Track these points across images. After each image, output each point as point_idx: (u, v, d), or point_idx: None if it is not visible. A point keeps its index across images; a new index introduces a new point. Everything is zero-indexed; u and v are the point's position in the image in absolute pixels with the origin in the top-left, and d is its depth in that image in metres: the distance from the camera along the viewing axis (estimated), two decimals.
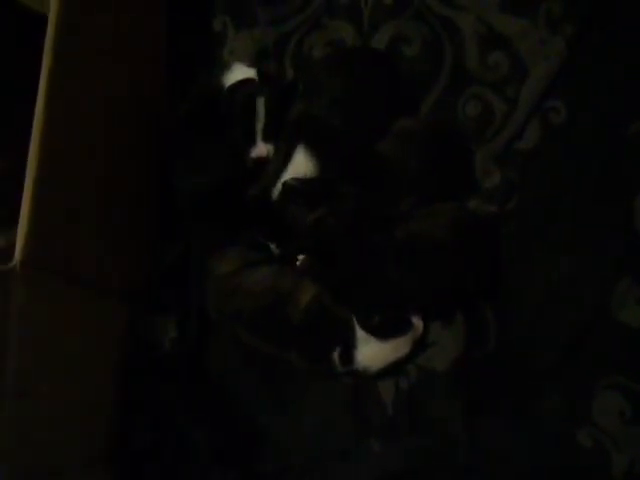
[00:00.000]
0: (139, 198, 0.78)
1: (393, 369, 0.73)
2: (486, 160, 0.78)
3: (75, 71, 0.63)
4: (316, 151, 0.74)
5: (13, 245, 0.56)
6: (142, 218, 0.79)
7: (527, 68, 0.79)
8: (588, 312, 0.72)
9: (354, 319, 0.71)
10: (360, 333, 0.70)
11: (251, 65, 0.83)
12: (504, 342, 0.73)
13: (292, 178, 0.73)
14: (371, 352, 0.70)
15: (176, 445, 0.74)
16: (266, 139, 0.77)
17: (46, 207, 0.58)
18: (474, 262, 0.71)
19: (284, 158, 0.74)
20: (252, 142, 0.77)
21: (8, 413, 0.54)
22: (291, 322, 0.71)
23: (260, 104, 0.76)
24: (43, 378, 0.59)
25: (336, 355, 0.71)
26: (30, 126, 0.58)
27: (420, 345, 0.73)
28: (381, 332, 0.70)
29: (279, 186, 0.73)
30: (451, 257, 0.69)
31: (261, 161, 0.77)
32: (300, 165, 0.74)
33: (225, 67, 0.82)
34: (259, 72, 0.81)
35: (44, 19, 0.59)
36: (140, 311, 0.79)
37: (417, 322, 0.72)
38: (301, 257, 0.72)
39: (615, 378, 0.69)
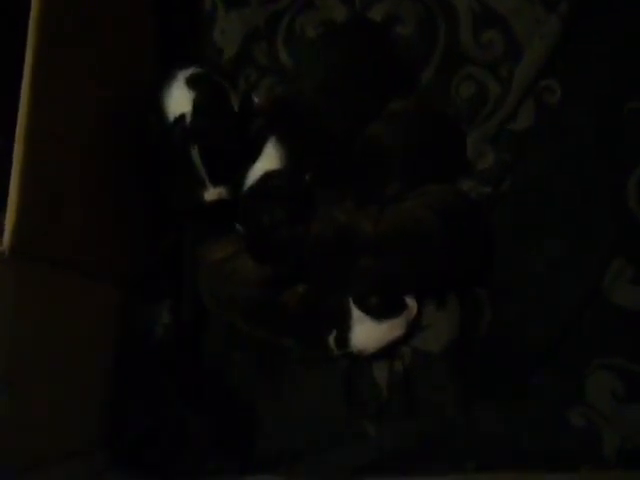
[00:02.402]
0: (129, 183, 0.77)
1: (388, 351, 0.73)
2: (479, 141, 0.77)
3: (61, 44, 0.61)
4: (288, 142, 0.72)
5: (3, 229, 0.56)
6: (133, 203, 0.78)
7: (522, 47, 0.78)
8: (582, 293, 0.72)
9: (350, 301, 0.71)
10: (355, 315, 0.70)
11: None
12: (499, 324, 0.73)
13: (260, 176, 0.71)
14: (366, 334, 0.70)
15: (174, 430, 0.75)
16: (215, 184, 0.71)
17: (34, 191, 0.57)
18: (464, 247, 0.70)
19: (254, 152, 0.72)
20: (202, 186, 0.71)
21: (1, 399, 0.53)
22: (286, 308, 0.71)
23: (195, 155, 0.70)
24: (35, 364, 0.59)
25: (332, 338, 0.71)
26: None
27: (415, 326, 0.73)
28: (376, 313, 0.70)
29: (247, 182, 0.72)
30: (439, 242, 0.69)
31: (217, 202, 0.72)
32: (270, 159, 0.72)
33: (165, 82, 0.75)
34: (195, 102, 0.72)
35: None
36: (133, 296, 0.78)
37: (411, 303, 0.71)
38: None
39: (608, 358, 0.70)
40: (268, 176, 0.72)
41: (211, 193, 0.71)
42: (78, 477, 0.64)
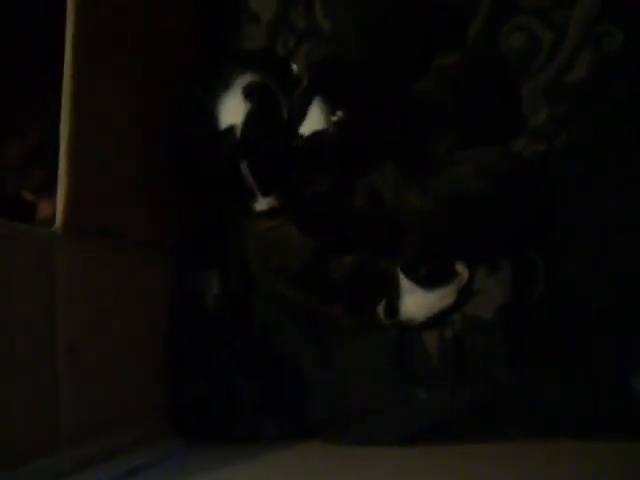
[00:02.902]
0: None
1: (438, 319, 0.71)
2: (533, 95, 0.73)
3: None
4: (335, 103, 0.69)
5: None
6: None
7: None
8: None
9: (398, 270, 0.69)
10: (404, 284, 0.69)
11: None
12: (553, 288, 0.70)
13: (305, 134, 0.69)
14: (416, 303, 0.69)
15: (225, 396, 0.77)
16: (265, 195, 0.70)
17: (81, 166, 0.58)
18: (517, 213, 0.68)
19: (298, 115, 0.70)
20: (251, 197, 0.71)
21: (61, 367, 0.56)
22: (335, 276, 0.71)
23: (244, 168, 0.69)
24: (91, 333, 0.61)
25: (380, 307, 0.70)
26: None
27: (465, 293, 0.71)
28: (426, 281, 0.68)
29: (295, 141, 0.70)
30: (491, 211, 0.67)
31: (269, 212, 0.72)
32: (316, 120, 0.70)
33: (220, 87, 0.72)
34: (248, 116, 0.70)
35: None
36: (183, 264, 0.80)
37: (462, 270, 0.70)
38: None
39: None
40: (315, 135, 0.69)
41: (261, 203, 0.71)
42: (135, 443, 0.66)
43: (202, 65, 0.81)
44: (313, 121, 0.70)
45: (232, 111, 0.71)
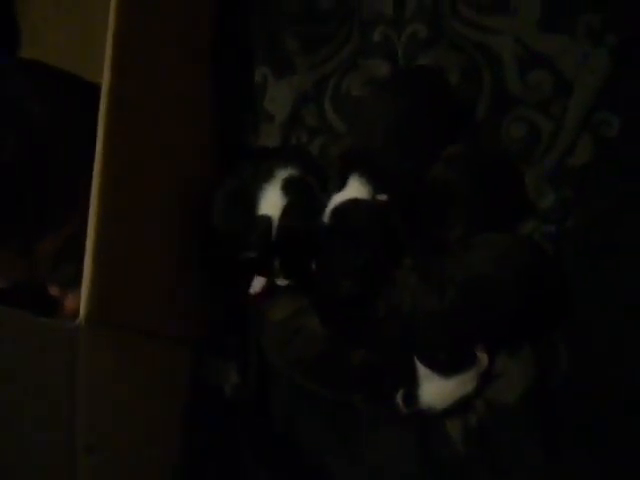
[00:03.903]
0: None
1: (460, 406, 0.70)
2: (538, 180, 0.75)
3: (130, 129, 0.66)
4: (372, 180, 0.72)
5: None
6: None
7: (571, 84, 0.76)
8: None
9: (415, 357, 0.69)
10: (422, 371, 0.68)
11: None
12: (577, 368, 0.69)
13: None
14: (435, 390, 0.68)
15: None
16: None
17: (106, 260, 0.61)
18: (534, 297, 0.68)
19: (336, 189, 0.73)
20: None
21: (79, 467, 0.55)
22: (352, 365, 0.70)
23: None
24: (111, 430, 0.60)
25: (399, 396, 0.69)
26: None
27: (486, 378, 0.70)
28: (445, 368, 0.68)
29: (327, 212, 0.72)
30: (508, 298, 0.67)
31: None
32: (356, 189, 0.72)
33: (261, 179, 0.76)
34: (285, 211, 0.73)
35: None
36: (203, 357, 0.79)
37: (481, 355, 0.69)
38: None
39: None
40: (354, 205, 0.71)
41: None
42: None
43: (227, 163, 0.85)
44: (352, 191, 0.72)
45: (270, 203, 0.74)
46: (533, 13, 0.79)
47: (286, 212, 0.72)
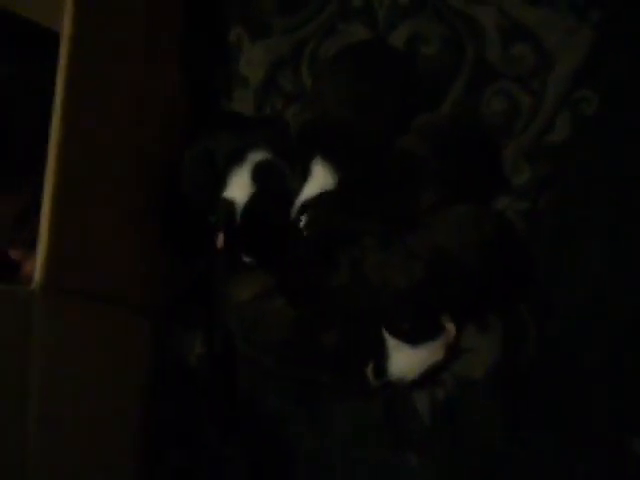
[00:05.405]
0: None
1: (428, 378, 0.70)
2: (515, 155, 0.75)
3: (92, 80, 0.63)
4: (335, 161, 0.71)
5: None
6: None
7: (553, 59, 0.75)
8: (629, 312, 0.68)
9: (383, 328, 0.68)
10: (391, 343, 0.68)
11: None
12: (545, 346, 0.69)
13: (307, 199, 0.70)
14: (404, 360, 0.68)
15: (209, 461, 0.73)
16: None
17: (63, 226, 0.57)
18: (499, 272, 0.68)
19: (301, 175, 0.72)
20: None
21: (33, 439, 0.53)
22: (322, 347, 0.69)
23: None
24: (67, 400, 0.58)
25: (369, 369, 0.68)
26: None
27: (454, 350, 0.70)
28: (411, 337, 0.67)
29: (297, 205, 0.71)
30: (473, 269, 0.67)
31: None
32: (321, 179, 0.71)
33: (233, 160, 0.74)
34: (251, 201, 0.72)
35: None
36: (165, 327, 0.77)
37: (449, 325, 0.69)
38: None
39: None
40: (323, 199, 0.70)
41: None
42: None
43: (199, 128, 0.82)
44: (319, 181, 0.71)
45: (238, 186, 0.73)
46: None
47: (252, 201, 0.72)
